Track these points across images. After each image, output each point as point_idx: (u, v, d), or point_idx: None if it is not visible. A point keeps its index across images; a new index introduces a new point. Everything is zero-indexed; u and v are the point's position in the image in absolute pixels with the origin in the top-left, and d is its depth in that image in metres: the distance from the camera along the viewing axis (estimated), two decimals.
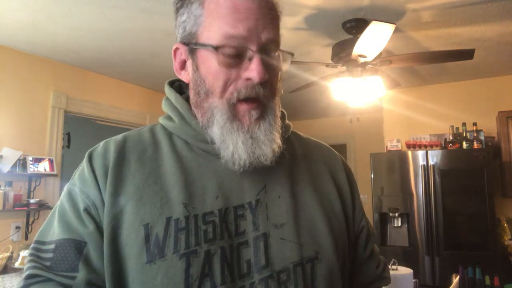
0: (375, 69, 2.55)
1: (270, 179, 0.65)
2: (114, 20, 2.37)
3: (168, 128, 0.69)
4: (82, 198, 0.61)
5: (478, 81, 3.69)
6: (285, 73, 0.74)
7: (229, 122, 0.61)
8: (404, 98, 3.97)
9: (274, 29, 0.62)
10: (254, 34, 0.59)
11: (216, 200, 0.61)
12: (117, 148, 0.65)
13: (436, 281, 3.10)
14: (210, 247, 0.57)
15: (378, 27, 1.95)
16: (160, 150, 0.66)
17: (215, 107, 0.62)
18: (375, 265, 0.76)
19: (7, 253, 2.52)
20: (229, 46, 0.59)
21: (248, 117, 0.62)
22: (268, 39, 0.61)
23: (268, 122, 0.63)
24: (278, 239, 0.61)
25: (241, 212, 0.61)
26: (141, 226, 0.58)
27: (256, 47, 0.59)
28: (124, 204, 0.60)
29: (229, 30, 0.59)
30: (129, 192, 0.60)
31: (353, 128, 5.00)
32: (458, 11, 2.26)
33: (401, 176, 3.33)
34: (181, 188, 0.61)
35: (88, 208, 0.60)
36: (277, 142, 0.63)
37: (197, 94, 0.65)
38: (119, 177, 0.61)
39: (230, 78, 0.61)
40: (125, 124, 3.81)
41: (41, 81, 3.03)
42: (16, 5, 2.18)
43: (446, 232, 3.11)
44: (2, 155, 2.68)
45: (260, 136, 0.62)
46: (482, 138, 3.31)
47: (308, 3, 2.18)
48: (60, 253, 0.59)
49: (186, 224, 0.58)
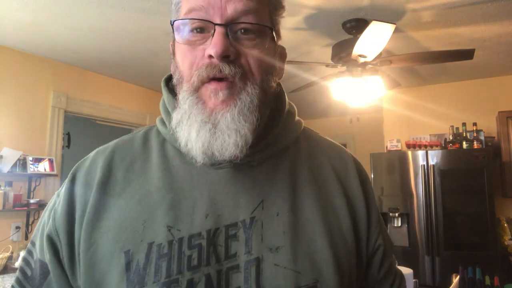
0: (375, 69, 2.55)
1: (269, 192, 0.57)
2: (114, 20, 2.37)
3: (161, 133, 0.63)
4: (49, 224, 0.59)
5: (478, 81, 3.69)
6: (285, 73, 0.69)
7: (189, 104, 0.54)
8: (404, 98, 3.97)
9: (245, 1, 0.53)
10: (217, 6, 0.52)
11: (206, 219, 0.55)
12: (104, 165, 0.60)
13: (436, 281, 3.10)
14: (194, 275, 0.52)
15: (378, 27, 1.95)
16: (149, 161, 0.60)
17: (182, 94, 0.56)
18: (390, 283, 0.67)
19: (7, 253, 2.52)
20: (189, 20, 0.54)
21: (214, 98, 0.53)
22: (236, 11, 0.52)
23: (238, 108, 0.53)
24: (272, 265, 0.53)
25: (233, 231, 0.54)
26: (121, 253, 0.53)
27: (220, 19, 0.52)
28: (105, 229, 0.55)
29: (190, 4, 0.54)
30: (111, 216, 0.56)
31: (353, 128, 5.00)
32: (458, 11, 2.26)
33: (401, 176, 3.33)
34: (167, 209, 0.55)
35: (50, 234, 0.58)
36: (245, 136, 0.53)
37: (177, 86, 0.59)
38: (103, 201, 0.57)
39: (196, 59, 0.54)
40: (125, 124, 3.82)
41: (41, 81, 3.03)
42: (16, 5, 2.18)
43: (446, 232, 3.11)
44: (2, 155, 2.68)
45: (222, 124, 0.52)
46: (482, 138, 3.31)
47: (308, 3, 2.18)
48: (35, 269, 0.59)
49: (169, 250, 0.53)
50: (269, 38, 0.56)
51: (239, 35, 0.53)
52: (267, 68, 0.57)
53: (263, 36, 0.55)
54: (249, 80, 0.54)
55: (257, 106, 0.54)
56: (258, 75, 0.55)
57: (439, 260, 3.10)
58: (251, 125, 0.53)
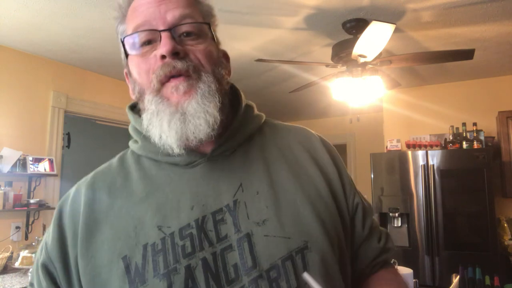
0: (375, 69, 2.55)
1: (246, 175, 0.63)
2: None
3: (135, 150, 0.68)
4: (43, 254, 0.63)
5: (478, 81, 3.69)
6: (285, 73, 0.73)
7: (155, 104, 0.60)
8: (404, 98, 3.97)
9: (182, 8, 0.61)
10: (158, 17, 0.60)
11: (192, 211, 0.59)
12: (87, 188, 0.65)
13: (436, 281, 3.10)
14: (190, 261, 0.56)
15: (378, 27, 1.95)
16: (129, 177, 0.65)
17: (147, 99, 0.61)
18: (377, 239, 0.72)
19: (7, 253, 2.52)
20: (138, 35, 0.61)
21: (176, 93, 0.59)
22: (175, 17, 0.60)
23: (201, 94, 0.59)
24: (262, 237, 0.58)
25: (220, 216, 0.59)
26: (119, 260, 0.58)
27: (163, 26, 0.60)
28: (100, 244, 0.60)
29: (134, 22, 0.62)
30: (103, 230, 0.61)
31: (353, 128, 5.00)
32: (458, 11, 2.27)
33: (401, 176, 3.33)
34: (154, 212, 0.60)
35: (45, 263, 0.62)
36: (213, 115, 0.59)
37: (138, 100, 0.65)
38: (92, 219, 0.62)
39: (151, 65, 0.60)
40: (125, 124, 3.81)
41: (41, 81, 3.03)
42: (16, 5, 2.18)
43: (446, 232, 3.11)
44: (2, 155, 2.68)
45: (190, 109, 0.58)
46: (482, 138, 3.32)
47: (308, 3, 2.18)
48: None
49: (163, 245, 0.57)
50: (209, 38, 0.64)
51: (182, 38, 0.61)
52: (214, 60, 0.64)
53: (203, 36, 0.63)
54: (202, 71, 0.61)
55: (216, 91, 0.61)
56: (208, 66, 0.62)
57: (439, 260, 3.10)
58: (215, 106, 0.60)
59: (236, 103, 0.70)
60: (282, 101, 4.39)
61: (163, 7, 0.61)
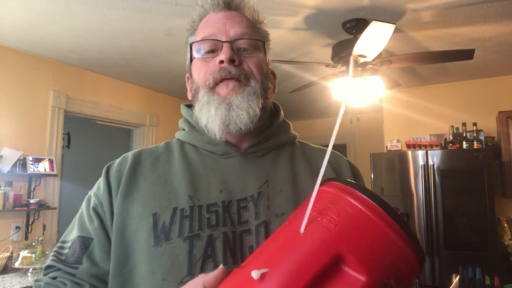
0: (375, 69, 2.55)
1: (272, 175, 0.71)
2: (114, 20, 2.37)
3: (180, 137, 0.78)
4: (93, 199, 0.71)
5: (478, 81, 3.69)
6: (285, 73, 0.78)
7: (207, 97, 0.70)
8: (404, 98, 3.97)
9: (243, 27, 0.72)
10: (222, 31, 0.71)
11: (220, 194, 0.67)
12: (134, 155, 0.75)
13: (436, 281, 3.10)
14: (213, 232, 0.63)
15: (378, 27, 1.95)
16: (172, 156, 0.75)
17: (200, 94, 0.71)
18: None
19: (7, 253, 2.52)
20: (203, 41, 0.72)
21: (226, 88, 0.69)
22: (236, 33, 0.71)
23: (247, 93, 0.69)
24: (278, 226, 0.62)
25: (244, 204, 0.66)
26: (150, 215, 0.65)
27: (225, 39, 0.70)
28: (136, 199, 0.68)
29: (203, 33, 0.73)
30: (141, 189, 0.69)
31: (353, 128, 5.00)
32: (458, 11, 2.26)
33: (401, 176, 3.33)
34: (187, 183, 0.68)
35: (95, 207, 0.70)
36: (254, 110, 0.68)
37: (193, 98, 0.75)
38: (133, 178, 0.71)
39: (209, 68, 0.70)
40: (125, 124, 3.82)
41: (41, 81, 3.03)
42: (16, 5, 2.18)
43: (446, 232, 3.11)
44: (2, 155, 2.68)
45: (236, 101, 0.68)
46: (482, 138, 3.32)
47: (308, 3, 2.18)
48: (72, 249, 0.69)
49: (191, 213, 0.64)
50: (262, 54, 0.74)
51: (240, 51, 0.71)
52: (263, 72, 0.73)
53: (258, 51, 0.73)
54: (252, 78, 0.71)
55: (260, 94, 0.70)
56: (257, 75, 0.72)
57: (439, 260, 3.11)
58: (257, 104, 0.69)
59: (275, 118, 0.80)
60: (282, 101, 4.35)
61: (228, 24, 0.71)
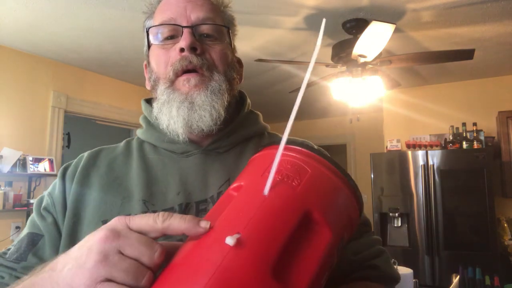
0: (375, 69, 2.55)
1: (235, 172, 0.64)
2: (114, 20, 2.37)
3: (139, 136, 0.74)
4: (46, 199, 0.67)
5: (478, 81, 3.69)
6: (285, 73, 0.76)
7: (167, 94, 0.64)
8: (404, 98, 3.97)
9: (206, 11, 0.66)
10: (183, 15, 0.65)
11: (178, 196, 0.62)
12: (89, 156, 0.70)
13: (436, 281, 3.10)
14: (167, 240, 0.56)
15: (378, 27, 1.95)
16: (130, 157, 0.70)
17: (159, 89, 0.65)
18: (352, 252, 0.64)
19: None
20: (161, 26, 0.66)
21: (188, 84, 0.63)
22: (198, 18, 0.65)
23: (210, 90, 0.63)
24: None
25: (203, 206, 0.62)
26: (100, 222, 0.61)
27: (186, 24, 0.64)
28: (87, 204, 0.63)
29: (161, 17, 0.66)
30: (93, 193, 0.64)
31: (353, 128, 5.00)
32: (458, 11, 2.26)
33: (401, 176, 3.33)
34: (142, 187, 0.64)
35: (47, 206, 0.65)
36: (218, 110, 0.63)
37: (152, 89, 0.69)
38: (85, 181, 0.66)
39: (170, 58, 0.64)
40: (125, 124, 3.82)
41: (41, 81, 3.03)
42: (16, 5, 2.18)
43: (446, 232, 3.11)
44: (2, 155, 2.68)
45: (198, 100, 0.62)
46: (482, 138, 3.32)
47: (308, 3, 2.18)
48: (16, 246, 0.63)
49: None
50: (226, 42, 0.68)
51: (202, 38, 0.65)
52: (228, 63, 0.68)
53: (221, 39, 0.67)
54: (215, 70, 0.65)
55: (225, 90, 0.65)
56: (221, 66, 0.66)
57: (439, 260, 3.10)
58: (222, 103, 0.64)
59: (241, 108, 0.74)
60: (282, 101, 4.38)
61: (189, 8, 0.65)
